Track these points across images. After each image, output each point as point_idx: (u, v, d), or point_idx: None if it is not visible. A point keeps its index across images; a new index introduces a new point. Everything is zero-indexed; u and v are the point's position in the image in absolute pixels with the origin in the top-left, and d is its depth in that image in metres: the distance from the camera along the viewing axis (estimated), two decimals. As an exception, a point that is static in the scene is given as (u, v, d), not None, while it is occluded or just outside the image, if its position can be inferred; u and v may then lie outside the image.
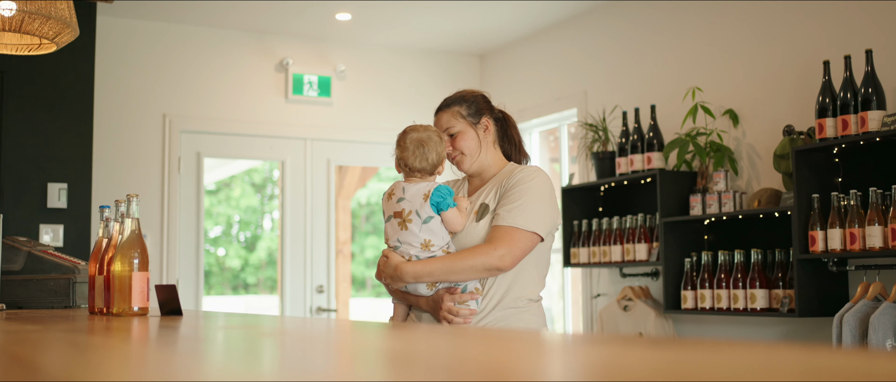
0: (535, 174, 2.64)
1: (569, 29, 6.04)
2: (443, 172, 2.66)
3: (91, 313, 2.52)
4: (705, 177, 4.79)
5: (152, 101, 5.89)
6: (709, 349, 0.90)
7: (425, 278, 2.56)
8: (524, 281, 2.63)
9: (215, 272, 10.69)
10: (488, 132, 2.77)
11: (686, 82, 5.09)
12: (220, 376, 0.76)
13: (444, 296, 2.57)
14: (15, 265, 3.52)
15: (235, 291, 10.74)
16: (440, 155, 2.59)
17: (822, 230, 4.02)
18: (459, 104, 2.76)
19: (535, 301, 2.66)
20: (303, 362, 0.94)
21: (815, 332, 4.35)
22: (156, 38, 5.93)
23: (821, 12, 4.47)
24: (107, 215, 2.58)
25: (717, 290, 4.52)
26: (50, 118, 5.09)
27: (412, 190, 2.58)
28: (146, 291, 2.32)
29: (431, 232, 2.55)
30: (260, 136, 6.25)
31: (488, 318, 2.61)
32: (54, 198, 5.02)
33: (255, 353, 1.06)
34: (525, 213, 2.55)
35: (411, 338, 1.21)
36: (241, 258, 10.55)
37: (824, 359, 0.78)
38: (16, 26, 3.47)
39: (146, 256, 2.34)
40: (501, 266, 2.52)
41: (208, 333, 1.47)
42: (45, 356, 1.02)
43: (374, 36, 6.36)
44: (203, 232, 6.06)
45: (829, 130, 4.04)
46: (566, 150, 6.28)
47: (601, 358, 0.91)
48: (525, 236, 2.54)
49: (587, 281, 5.77)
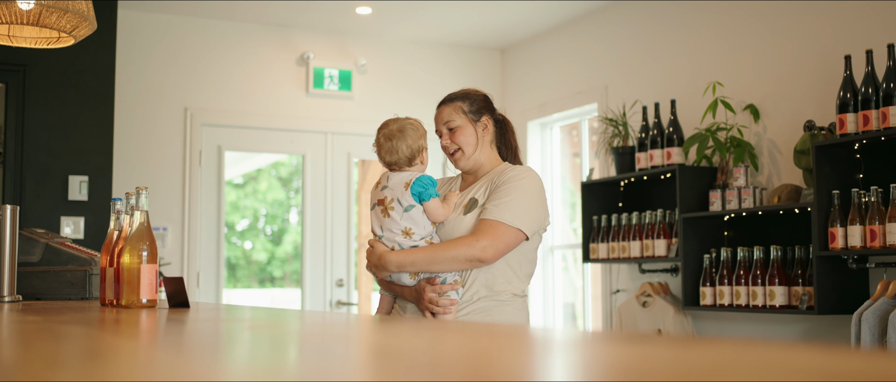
0: (526, 174, 2.67)
1: (590, 23, 6.01)
2: (425, 162, 2.68)
3: (102, 305, 2.53)
4: (725, 173, 4.75)
5: (174, 94, 5.92)
6: (714, 348, 0.89)
7: (408, 267, 2.60)
8: (508, 276, 2.64)
9: (242, 266, 10.75)
10: (487, 131, 2.79)
11: (707, 77, 5.05)
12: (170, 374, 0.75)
13: (425, 287, 2.61)
14: (33, 257, 3.56)
15: (262, 284, 10.80)
16: (412, 147, 2.63)
17: (842, 227, 3.97)
18: (462, 100, 2.79)
19: (519, 296, 2.67)
20: (264, 355, 0.94)
21: (835, 330, 4.30)
22: (177, 32, 5.96)
23: (842, 6, 4.42)
24: (118, 207, 2.60)
25: (736, 287, 4.49)
26: (71, 111, 5.14)
27: (395, 179, 2.64)
28: (155, 283, 2.33)
29: (412, 221, 2.59)
30: (281, 129, 6.27)
31: (469, 309, 2.63)
32: (75, 190, 5.06)
33: (229, 346, 1.06)
34: (512, 209, 2.58)
35: (395, 333, 1.21)
36: (267, 251, 10.60)
37: (841, 361, 0.75)
38: (34, 20, 3.50)
39: (155, 248, 2.35)
40: (483, 258, 2.55)
41: (202, 326, 1.47)
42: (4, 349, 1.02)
43: (395, 29, 6.36)
44: (224, 225, 6.09)
45: (849, 125, 3.99)
46: (587, 145, 6.25)
47: (584, 356, 0.90)
48: (509, 232, 2.57)
49: (607, 277, 5.75)
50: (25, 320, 1.59)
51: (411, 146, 2.64)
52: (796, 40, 4.63)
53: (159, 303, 2.47)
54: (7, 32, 3.71)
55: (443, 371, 0.76)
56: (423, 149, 2.67)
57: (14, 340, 1.14)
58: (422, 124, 2.71)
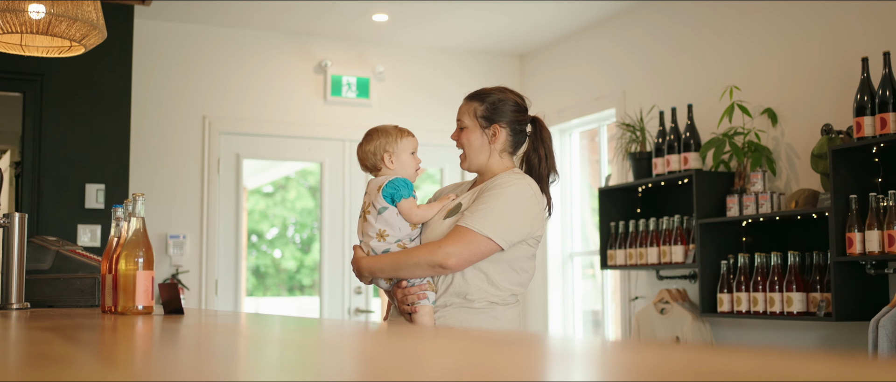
0: (514, 182, 2.58)
1: (607, 28, 5.97)
2: (396, 165, 2.63)
3: (102, 311, 2.54)
4: (743, 177, 4.69)
5: (192, 103, 5.95)
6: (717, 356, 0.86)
7: (378, 273, 2.59)
8: (482, 284, 2.55)
9: (271, 274, 10.79)
10: (496, 139, 2.69)
11: (724, 81, 5.00)
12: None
13: (397, 291, 2.59)
14: (44, 265, 3.58)
15: (291, 292, 10.84)
16: (373, 152, 2.63)
17: (860, 232, 3.91)
18: (479, 102, 2.72)
19: (499, 305, 2.58)
20: (212, 362, 0.93)
21: (854, 337, 4.23)
22: (194, 41, 5.99)
23: (860, 8, 4.35)
24: (119, 214, 2.60)
25: (753, 293, 4.42)
26: (88, 120, 5.17)
27: (372, 183, 2.63)
28: (150, 290, 2.33)
29: (386, 223, 2.57)
30: (299, 137, 6.28)
31: (440, 314, 2.57)
32: (92, 199, 5.10)
33: (194, 354, 1.05)
34: (486, 217, 2.50)
35: (339, 335, 1.19)
36: (296, 259, 10.63)
37: (854, 371, 0.72)
38: (43, 29, 3.52)
39: (151, 255, 2.35)
40: (445, 264, 2.48)
41: (169, 333, 1.46)
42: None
43: (412, 36, 6.36)
44: (245, 233, 6.11)
45: (867, 128, 3.93)
46: (605, 150, 6.21)
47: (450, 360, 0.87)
48: (478, 240, 2.49)
49: (625, 283, 5.69)
50: (2, 326, 1.59)
51: (373, 151, 2.64)
52: (814, 43, 4.57)
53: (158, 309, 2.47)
54: (20, 42, 3.75)
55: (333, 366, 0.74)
56: (387, 153, 2.63)
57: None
58: (396, 129, 2.66)
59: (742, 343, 4.78)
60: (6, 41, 3.69)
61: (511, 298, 2.61)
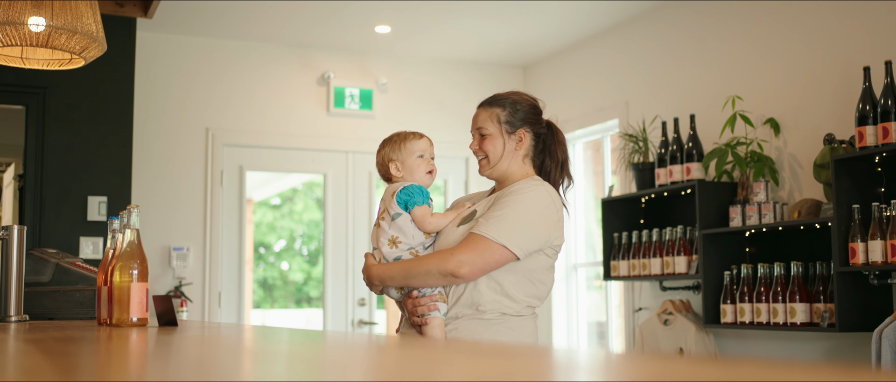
0: (531, 189, 2.48)
1: (610, 38, 5.96)
2: (407, 172, 2.57)
3: (98, 323, 2.53)
4: (745, 188, 4.67)
5: (195, 115, 5.96)
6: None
7: (388, 281, 2.51)
8: (495, 295, 2.45)
9: (278, 286, 10.79)
10: (521, 145, 2.59)
11: (726, 91, 4.98)
12: None
13: (407, 301, 2.50)
14: (44, 277, 3.57)
15: (299, 304, 10.83)
16: (383, 160, 2.61)
17: (863, 242, 3.88)
18: (502, 107, 2.60)
19: (513, 316, 2.47)
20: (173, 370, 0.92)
21: (858, 348, 4.20)
22: (197, 53, 6.00)
23: (861, 17, 4.34)
24: (114, 226, 2.59)
25: (756, 304, 4.40)
26: (90, 133, 5.18)
27: (387, 190, 2.58)
28: (145, 301, 2.32)
29: (399, 230, 2.50)
30: (302, 149, 6.28)
31: (451, 326, 2.47)
32: (94, 211, 5.10)
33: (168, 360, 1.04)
34: (501, 224, 2.40)
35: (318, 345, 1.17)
36: (303, 271, 10.63)
37: None
38: (43, 41, 3.53)
39: (145, 267, 2.34)
40: (457, 273, 2.37)
41: (157, 344, 1.45)
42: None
43: (415, 48, 6.36)
44: (250, 245, 6.11)
45: (869, 138, 3.91)
46: (609, 161, 6.19)
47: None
48: (492, 248, 2.38)
49: (629, 294, 5.67)
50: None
51: (381, 162, 2.62)
52: (816, 53, 4.56)
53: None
54: (20, 55, 3.75)
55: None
56: (392, 162, 2.58)
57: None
58: (400, 135, 2.60)
59: (746, 355, 4.76)
60: (7, 54, 3.70)
61: (526, 310, 2.50)
